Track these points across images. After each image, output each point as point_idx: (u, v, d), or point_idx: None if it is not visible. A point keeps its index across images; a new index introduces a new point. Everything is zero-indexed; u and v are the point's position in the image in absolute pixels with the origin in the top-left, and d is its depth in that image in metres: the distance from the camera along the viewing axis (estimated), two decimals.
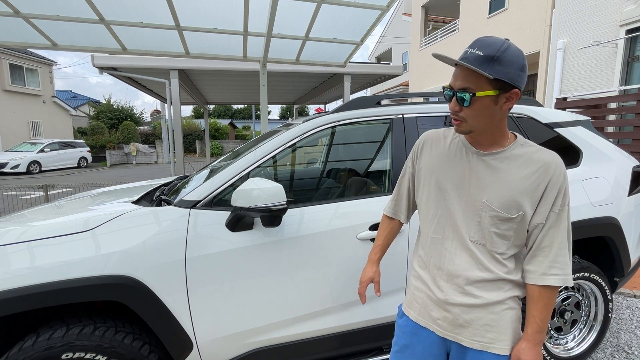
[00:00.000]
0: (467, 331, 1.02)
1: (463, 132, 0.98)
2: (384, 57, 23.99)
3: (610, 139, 2.90)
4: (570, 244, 0.97)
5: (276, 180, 1.46)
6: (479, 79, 0.89)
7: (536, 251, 0.97)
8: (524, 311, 1.01)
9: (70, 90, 31.17)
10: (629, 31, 6.31)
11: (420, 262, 1.13)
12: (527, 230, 0.98)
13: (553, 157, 0.96)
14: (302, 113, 19.74)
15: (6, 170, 14.19)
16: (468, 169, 1.01)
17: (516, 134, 1.02)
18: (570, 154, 2.11)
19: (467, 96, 0.90)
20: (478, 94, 0.90)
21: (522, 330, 1.02)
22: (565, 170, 0.96)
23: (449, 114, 1.97)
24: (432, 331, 1.08)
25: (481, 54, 0.87)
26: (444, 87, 0.99)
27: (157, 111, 16.13)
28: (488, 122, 0.95)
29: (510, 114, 2.05)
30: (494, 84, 0.89)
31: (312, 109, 24.45)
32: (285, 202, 1.39)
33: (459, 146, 1.05)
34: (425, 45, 14.69)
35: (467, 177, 1.01)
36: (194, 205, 1.53)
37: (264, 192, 1.36)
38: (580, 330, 2.13)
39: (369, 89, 14.54)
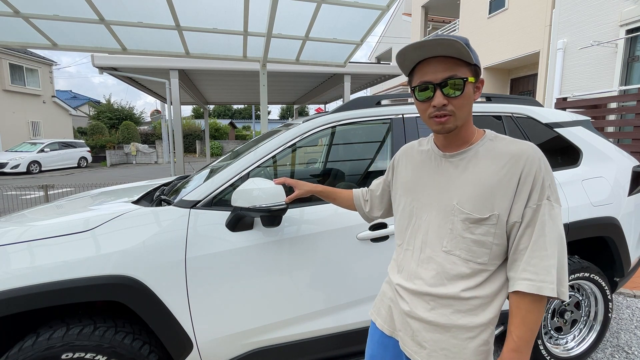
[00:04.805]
0: (424, 352, 0.92)
1: (449, 129, 0.88)
2: (384, 57, 23.97)
3: (610, 139, 2.90)
4: (554, 245, 0.81)
5: None
6: (460, 67, 0.84)
7: (515, 255, 0.85)
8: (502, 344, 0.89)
9: (70, 90, 31.20)
10: (629, 31, 6.31)
11: (392, 269, 1.07)
12: (506, 232, 0.86)
13: (524, 148, 0.85)
14: (302, 113, 19.74)
15: (6, 170, 14.19)
16: (437, 174, 0.94)
17: (486, 130, 0.94)
18: (570, 154, 2.11)
19: (461, 83, 0.83)
20: (470, 79, 0.84)
21: None
22: (541, 160, 0.84)
23: None
24: (398, 340, 1.01)
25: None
26: (413, 88, 0.90)
27: (157, 111, 16.13)
28: (469, 113, 0.89)
29: (510, 114, 2.05)
30: (472, 70, 0.86)
31: (312, 109, 24.44)
32: (285, 202, 1.39)
33: (428, 154, 0.99)
34: None
35: (437, 182, 0.94)
36: (194, 205, 1.53)
37: (264, 192, 1.36)
38: (580, 330, 2.13)
39: (369, 89, 14.53)
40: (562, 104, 6.44)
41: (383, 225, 1.67)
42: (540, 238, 0.81)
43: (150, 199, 1.96)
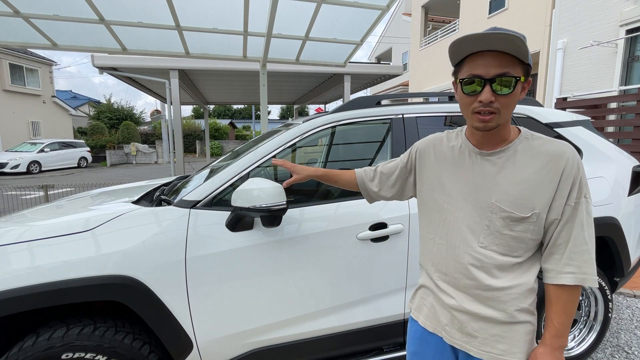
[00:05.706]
0: (476, 341, 0.95)
1: (491, 127, 0.87)
2: (384, 57, 23.99)
3: (610, 139, 2.90)
4: (591, 239, 0.87)
5: (276, 180, 1.46)
6: (513, 64, 0.83)
7: (552, 248, 0.90)
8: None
9: (71, 90, 31.21)
10: (629, 31, 6.31)
11: (428, 266, 1.07)
12: (544, 227, 0.90)
13: (563, 148, 0.88)
14: (302, 113, 19.73)
15: (6, 170, 14.19)
16: (472, 171, 0.95)
17: (520, 127, 0.95)
18: None
19: (512, 82, 0.83)
20: (522, 78, 0.84)
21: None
22: (578, 160, 0.88)
23: (449, 114, 1.97)
24: (441, 337, 1.02)
25: None
26: (462, 80, 0.87)
27: (157, 111, 16.12)
28: (511, 113, 0.88)
29: None
30: (524, 69, 0.85)
31: (312, 109, 24.44)
32: (285, 202, 1.39)
33: (461, 149, 0.99)
34: (425, 45, 14.69)
35: (472, 179, 0.95)
36: (194, 205, 1.53)
37: (264, 192, 1.36)
38: (580, 330, 2.13)
39: (369, 89, 14.54)
40: (562, 104, 6.44)
41: (383, 225, 1.67)
42: (580, 233, 0.87)
43: (150, 199, 1.96)
